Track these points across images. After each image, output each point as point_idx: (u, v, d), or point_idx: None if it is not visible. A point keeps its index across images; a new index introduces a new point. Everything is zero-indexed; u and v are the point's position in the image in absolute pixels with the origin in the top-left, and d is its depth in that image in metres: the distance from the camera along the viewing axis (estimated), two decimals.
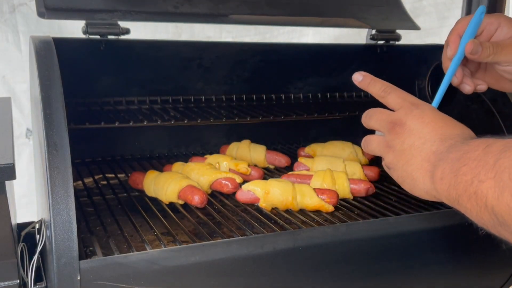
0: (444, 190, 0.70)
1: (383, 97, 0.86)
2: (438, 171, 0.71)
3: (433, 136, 0.75)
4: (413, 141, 0.77)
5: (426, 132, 0.76)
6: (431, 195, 0.76)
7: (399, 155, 0.79)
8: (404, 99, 0.83)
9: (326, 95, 1.66)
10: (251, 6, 1.37)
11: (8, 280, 0.86)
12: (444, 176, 0.70)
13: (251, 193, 1.17)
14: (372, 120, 0.86)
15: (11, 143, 0.89)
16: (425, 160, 0.75)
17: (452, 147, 0.72)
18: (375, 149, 0.85)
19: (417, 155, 0.76)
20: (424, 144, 0.76)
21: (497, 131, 1.30)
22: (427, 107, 0.80)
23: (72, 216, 0.80)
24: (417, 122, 0.78)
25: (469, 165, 0.65)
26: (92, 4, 1.19)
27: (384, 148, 0.83)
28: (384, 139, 0.83)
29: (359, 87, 0.91)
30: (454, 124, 0.78)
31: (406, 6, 1.62)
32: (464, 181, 0.65)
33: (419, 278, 1.12)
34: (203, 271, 0.89)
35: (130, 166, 1.45)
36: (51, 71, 0.92)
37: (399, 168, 0.80)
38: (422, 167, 0.75)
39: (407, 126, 0.79)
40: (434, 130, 0.76)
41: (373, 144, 0.86)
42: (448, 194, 0.69)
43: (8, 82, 2.05)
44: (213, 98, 1.52)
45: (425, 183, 0.75)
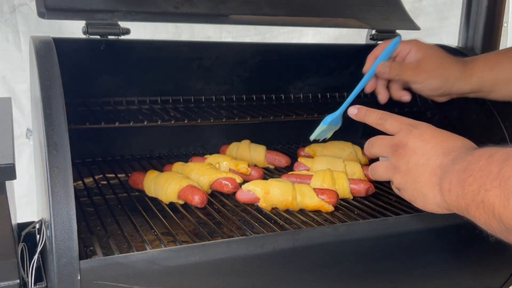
0: (453, 201, 0.72)
1: (380, 124, 0.90)
2: (445, 183, 0.74)
3: (436, 151, 0.78)
4: (417, 159, 0.80)
5: (429, 149, 0.79)
6: (443, 208, 0.78)
7: (406, 174, 0.82)
8: (401, 122, 0.87)
9: (326, 95, 1.66)
10: (251, 6, 1.37)
11: (8, 280, 0.86)
12: (452, 188, 0.72)
13: (251, 193, 1.17)
14: (374, 147, 0.89)
15: (11, 143, 0.89)
16: (431, 174, 0.77)
17: (456, 159, 0.74)
18: (383, 174, 0.88)
19: (423, 171, 0.79)
20: (429, 160, 0.78)
21: (497, 131, 1.30)
22: (425, 126, 0.84)
23: (72, 216, 0.80)
24: (418, 141, 0.81)
25: (474, 175, 0.67)
26: (92, 4, 1.19)
27: (391, 171, 0.86)
28: (389, 163, 0.86)
29: (355, 119, 0.96)
30: (454, 137, 0.81)
31: (406, 6, 1.62)
32: (471, 191, 0.67)
33: (419, 278, 1.12)
34: (203, 271, 0.89)
35: (130, 166, 1.45)
36: (51, 71, 0.92)
37: (409, 187, 0.82)
38: (430, 182, 0.78)
39: (409, 146, 0.82)
40: (436, 145, 0.79)
41: (379, 170, 0.89)
42: (458, 205, 0.71)
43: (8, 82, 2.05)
44: (213, 98, 1.52)
45: (435, 197, 0.77)
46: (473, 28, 1.55)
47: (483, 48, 1.54)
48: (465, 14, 1.58)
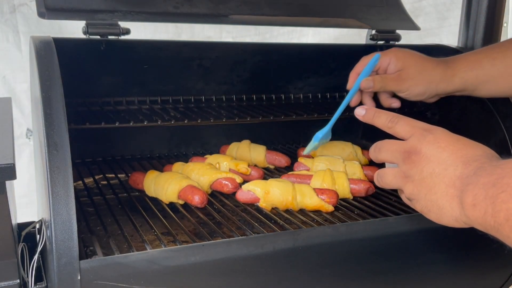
0: (478, 217, 0.66)
1: (391, 127, 0.83)
2: (468, 196, 0.67)
3: (454, 160, 0.72)
4: (432, 168, 0.74)
5: (446, 157, 0.73)
6: (461, 222, 0.72)
7: (419, 184, 0.76)
8: (414, 126, 0.80)
9: (326, 95, 1.66)
10: (251, 7, 1.37)
11: (9, 280, 0.86)
12: (478, 203, 0.66)
13: (251, 193, 1.17)
14: (382, 152, 0.83)
15: (11, 143, 0.89)
16: (450, 186, 0.71)
17: (480, 170, 0.68)
18: (392, 182, 0.82)
19: (439, 182, 0.73)
20: (446, 170, 0.72)
21: (497, 131, 1.30)
22: (439, 130, 0.78)
23: (72, 216, 0.81)
24: (433, 148, 0.75)
25: (509, 192, 0.61)
26: (92, 4, 1.19)
27: (401, 179, 0.79)
28: (399, 170, 0.79)
29: (363, 121, 0.89)
30: (473, 144, 0.75)
31: (405, 6, 1.62)
32: (505, 209, 0.61)
33: (419, 278, 1.12)
34: (203, 271, 0.89)
35: (130, 166, 1.45)
36: (52, 71, 0.92)
37: (422, 198, 0.76)
38: (448, 194, 0.72)
39: (423, 153, 0.75)
40: (454, 154, 0.73)
41: (388, 177, 0.82)
42: (484, 222, 0.65)
43: (8, 82, 2.05)
44: (213, 98, 1.52)
45: (453, 210, 0.72)
46: (473, 28, 1.55)
47: None
48: (465, 14, 1.58)
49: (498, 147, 1.30)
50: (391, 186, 0.83)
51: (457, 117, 1.44)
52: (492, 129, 1.31)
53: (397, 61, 1.19)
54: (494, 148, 0.74)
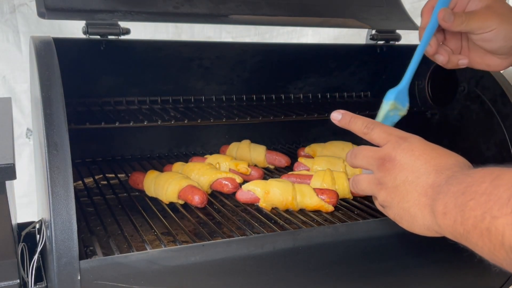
0: (448, 225, 0.66)
1: (366, 133, 0.82)
2: (439, 205, 0.67)
3: (427, 169, 0.72)
4: (406, 176, 0.74)
5: (419, 165, 0.73)
6: (432, 231, 0.72)
7: (392, 192, 0.76)
8: (389, 133, 0.79)
9: (326, 95, 1.67)
10: (251, 7, 1.37)
11: (8, 280, 0.86)
12: (448, 211, 0.65)
13: (251, 193, 1.17)
14: (358, 158, 0.82)
15: (11, 143, 0.89)
16: (422, 194, 0.71)
17: (451, 179, 0.68)
18: (366, 189, 0.82)
19: (412, 190, 0.73)
20: (419, 178, 0.72)
21: (497, 131, 1.30)
22: (415, 139, 0.77)
23: (72, 216, 0.80)
24: (407, 156, 0.74)
25: (477, 199, 0.61)
26: (92, 4, 1.19)
27: (375, 186, 0.79)
28: (374, 177, 0.79)
29: (339, 125, 0.88)
30: (447, 153, 0.74)
31: (405, 6, 1.62)
32: (473, 216, 0.61)
33: (419, 278, 1.12)
34: (203, 271, 0.89)
35: (130, 166, 1.45)
36: (51, 71, 0.92)
37: (395, 206, 0.76)
38: (420, 202, 0.72)
39: (397, 161, 0.75)
40: (427, 162, 0.73)
41: (363, 184, 0.82)
42: (454, 230, 0.65)
43: (8, 82, 2.05)
44: (213, 98, 1.52)
45: (424, 219, 0.71)
46: None
47: None
48: None
49: (498, 147, 1.30)
50: (366, 193, 0.83)
51: (457, 117, 1.44)
52: (492, 129, 1.31)
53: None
54: (494, 148, 0.74)
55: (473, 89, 1.39)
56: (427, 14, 0.96)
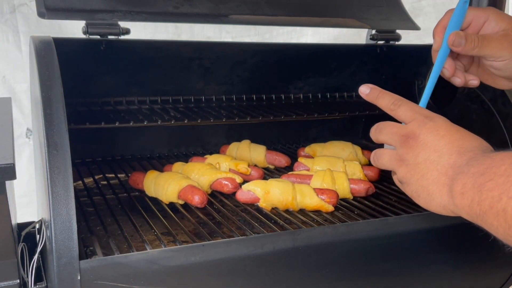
0: (465, 205, 0.67)
1: (393, 110, 0.83)
2: (457, 185, 0.68)
3: (450, 149, 0.73)
4: (428, 154, 0.74)
5: (442, 145, 0.74)
6: (448, 210, 0.73)
7: (412, 169, 0.76)
8: (416, 111, 0.80)
9: (326, 95, 1.67)
10: (251, 7, 1.37)
11: (8, 280, 0.86)
12: (466, 191, 0.66)
13: (251, 193, 1.17)
14: (382, 133, 0.83)
15: (11, 143, 0.89)
16: (442, 173, 0.72)
17: (472, 160, 0.69)
18: (387, 163, 0.82)
19: (433, 168, 0.73)
20: (441, 158, 0.73)
21: (497, 131, 1.30)
22: (440, 119, 0.78)
23: (72, 216, 0.80)
24: (432, 135, 0.75)
25: (496, 180, 0.62)
26: (92, 4, 1.19)
27: (396, 162, 0.80)
28: (396, 153, 0.80)
29: (366, 100, 0.87)
30: (471, 136, 0.75)
31: (405, 6, 1.62)
32: (490, 197, 0.62)
33: (419, 278, 1.12)
34: (203, 271, 0.89)
35: (130, 166, 1.45)
36: (51, 71, 0.92)
37: (413, 183, 0.77)
38: (439, 181, 0.72)
39: (421, 139, 0.76)
40: (451, 143, 0.73)
41: (384, 158, 0.83)
42: (470, 210, 0.66)
43: (8, 82, 2.05)
44: (213, 98, 1.52)
45: (442, 198, 0.72)
46: None
47: None
48: None
49: (498, 147, 1.30)
50: (386, 167, 0.84)
51: (457, 117, 1.44)
52: (492, 129, 1.31)
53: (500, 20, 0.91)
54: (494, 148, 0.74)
55: (473, 89, 1.39)
56: (439, 36, 0.94)
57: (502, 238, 0.63)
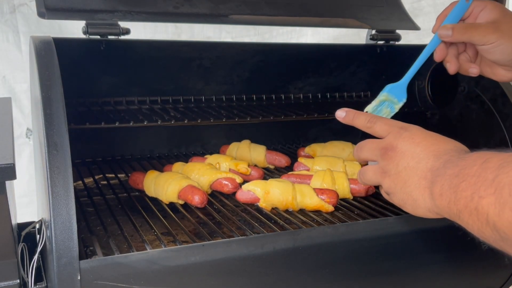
0: (444, 206, 0.70)
1: (369, 127, 0.87)
2: (436, 187, 0.72)
3: (427, 154, 0.76)
4: (407, 162, 0.78)
5: (419, 151, 0.77)
6: (433, 213, 0.76)
7: (395, 178, 0.80)
8: (391, 125, 0.84)
9: (326, 95, 1.67)
10: (251, 7, 1.37)
11: (8, 280, 0.86)
12: (443, 192, 0.70)
13: (251, 193, 1.17)
14: (363, 151, 0.87)
15: (11, 143, 0.89)
16: (422, 178, 0.75)
17: (448, 163, 0.72)
18: (372, 178, 0.86)
19: (413, 175, 0.77)
20: (419, 163, 0.76)
21: (497, 131, 1.30)
22: (415, 128, 0.82)
23: (72, 216, 0.80)
24: (408, 143, 0.79)
25: (468, 181, 0.65)
26: (92, 4, 1.19)
27: (379, 175, 0.83)
28: (378, 167, 0.84)
29: (343, 123, 0.93)
30: (445, 140, 0.79)
31: (405, 6, 1.62)
32: (464, 197, 0.66)
33: (419, 278, 1.12)
34: (203, 271, 0.89)
35: (130, 166, 1.45)
36: (51, 71, 0.92)
37: (398, 191, 0.80)
38: (420, 186, 0.76)
39: (398, 149, 0.79)
40: (427, 148, 0.77)
41: (368, 174, 0.86)
42: (449, 210, 0.69)
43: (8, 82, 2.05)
44: (213, 98, 1.52)
45: (425, 201, 0.75)
46: None
47: None
48: None
49: (498, 147, 1.29)
50: (372, 182, 0.87)
51: (457, 117, 1.44)
52: (492, 129, 1.31)
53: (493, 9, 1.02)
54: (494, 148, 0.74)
55: (473, 89, 1.39)
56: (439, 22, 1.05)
57: (477, 235, 0.66)
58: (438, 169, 0.73)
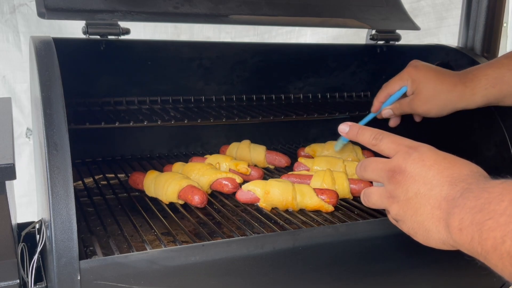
0: (465, 242, 0.63)
1: (375, 145, 0.81)
2: (454, 220, 0.64)
3: (440, 180, 0.69)
4: (418, 188, 0.70)
5: (431, 176, 0.70)
6: (448, 245, 0.70)
7: (405, 205, 0.73)
8: (398, 143, 0.77)
9: (326, 95, 1.67)
10: (251, 7, 1.37)
11: (8, 280, 0.86)
12: (464, 227, 0.62)
13: (251, 193, 1.17)
14: (367, 171, 0.80)
15: (11, 143, 0.89)
16: (435, 207, 0.68)
17: (466, 192, 0.64)
18: (377, 202, 0.80)
19: (425, 203, 0.70)
20: (432, 190, 0.69)
21: (497, 131, 1.30)
22: (425, 148, 0.75)
23: (72, 216, 0.80)
24: (418, 166, 0.71)
25: (496, 219, 0.58)
26: (92, 4, 1.19)
27: (386, 200, 0.76)
28: (384, 190, 0.77)
29: (346, 138, 0.88)
30: (460, 162, 0.71)
31: (405, 6, 1.62)
32: (492, 237, 0.58)
33: (418, 278, 1.12)
34: (203, 271, 0.89)
35: (130, 166, 1.45)
36: (51, 71, 0.92)
37: (408, 219, 0.73)
38: (434, 216, 0.69)
39: (408, 172, 0.72)
40: (440, 173, 0.69)
41: (374, 197, 0.80)
42: (471, 248, 0.62)
43: (8, 82, 2.05)
44: (213, 98, 1.52)
45: (440, 233, 0.69)
46: (473, 28, 1.55)
47: (483, 48, 1.54)
48: (465, 14, 1.58)
49: (498, 147, 1.30)
50: (377, 206, 0.81)
51: (457, 117, 1.44)
52: (492, 129, 1.31)
53: (412, 84, 1.22)
54: (494, 148, 0.73)
55: None
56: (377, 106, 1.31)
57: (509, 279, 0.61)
58: (454, 198, 0.65)
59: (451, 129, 1.45)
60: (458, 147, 1.42)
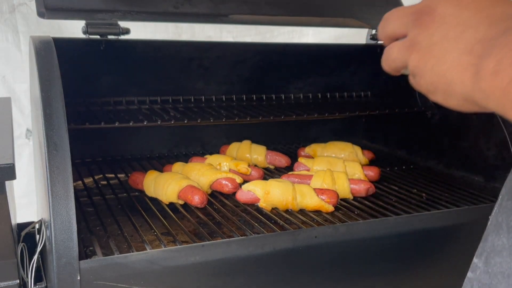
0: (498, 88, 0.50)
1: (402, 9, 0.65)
2: (489, 62, 0.51)
3: (478, 20, 0.55)
4: (446, 30, 0.57)
5: (466, 17, 0.56)
6: (470, 101, 0.56)
7: (426, 53, 0.59)
8: None
9: (326, 95, 1.66)
10: (251, 6, 1.37)
11: (8, 280, 0.86)
12: (502, 69, 0.50)
13: (251, 193, 1.17)
14: (390, 21, 0.65)
15: (11, 143, 0.89)
16: (465, 52, 0.54)
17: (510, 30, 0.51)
18: (397, 57, 0.65)
19: (452, 49, 0.56)
20: (464, 32, 0.55)
21: (497, 131, 1.30)
22: None
23: (72, 216, 0.80)
24: (452, 6, 0.57)
25: None
26: (92, 4, 1.19)
27: (406, 50, 0.62)
28: (406, 40, 0.62)
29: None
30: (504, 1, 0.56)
31: None
32: None
33: (418, 278, 1.12)
34: (203, 271, 0.89)
35: (130, 166, 1.45)
36: (51, 71, 0.92)
37: (428, 71, 0.59)
38: (460, 63, 0.55)
39: (438, 12, 0.58)
40: (478, 13, 0.55)
41: (393, 51, 0.65)
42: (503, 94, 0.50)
43: (8, 82, 2.05)
44: (213, 98, 1.52)
45: (464, 85, 0.55)
46: None
47: None
48: None
49: (498, 147, 1.30)
50: (396, 63, 0.66)
51: (457, 117, 1.44)
52: (492, 129, 1.31)
53: None
54: (494, 148, 0.73)
55: None
56: None
57: None
58: (493, 39, 0.52)
59: (451, 129, 1.45)
60: (458, 147, 1.42)
